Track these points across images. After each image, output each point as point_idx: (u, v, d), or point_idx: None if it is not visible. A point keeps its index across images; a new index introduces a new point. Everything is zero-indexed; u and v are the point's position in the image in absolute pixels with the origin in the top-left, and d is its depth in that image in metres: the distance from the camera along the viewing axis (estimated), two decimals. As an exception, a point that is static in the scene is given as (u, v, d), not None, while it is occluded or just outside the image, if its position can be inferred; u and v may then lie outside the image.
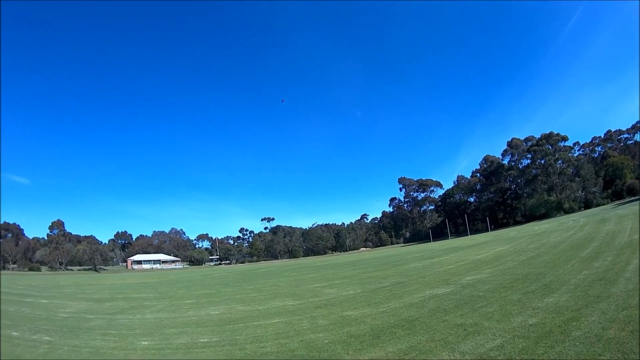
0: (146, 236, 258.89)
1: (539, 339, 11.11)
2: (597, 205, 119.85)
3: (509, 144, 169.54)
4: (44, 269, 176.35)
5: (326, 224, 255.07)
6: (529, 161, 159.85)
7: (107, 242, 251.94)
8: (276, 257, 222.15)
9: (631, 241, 24.43)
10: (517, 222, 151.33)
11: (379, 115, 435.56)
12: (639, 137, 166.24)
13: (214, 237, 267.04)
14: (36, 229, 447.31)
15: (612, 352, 9.21)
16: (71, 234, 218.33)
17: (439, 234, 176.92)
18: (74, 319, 26.36)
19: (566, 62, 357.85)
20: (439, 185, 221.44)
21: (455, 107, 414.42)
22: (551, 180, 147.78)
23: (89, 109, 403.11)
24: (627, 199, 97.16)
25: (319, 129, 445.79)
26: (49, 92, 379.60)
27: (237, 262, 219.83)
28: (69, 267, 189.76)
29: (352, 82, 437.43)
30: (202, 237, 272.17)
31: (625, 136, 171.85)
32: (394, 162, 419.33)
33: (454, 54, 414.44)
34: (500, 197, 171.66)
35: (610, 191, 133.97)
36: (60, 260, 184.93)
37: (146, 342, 18.48)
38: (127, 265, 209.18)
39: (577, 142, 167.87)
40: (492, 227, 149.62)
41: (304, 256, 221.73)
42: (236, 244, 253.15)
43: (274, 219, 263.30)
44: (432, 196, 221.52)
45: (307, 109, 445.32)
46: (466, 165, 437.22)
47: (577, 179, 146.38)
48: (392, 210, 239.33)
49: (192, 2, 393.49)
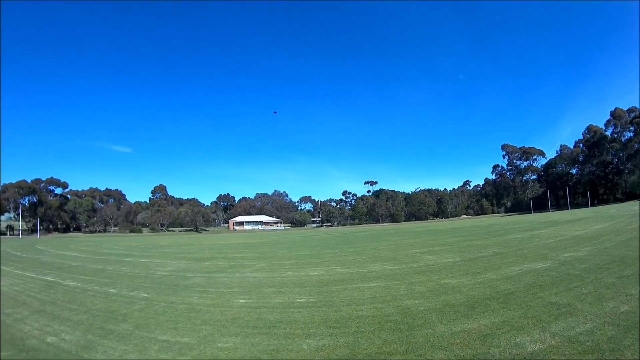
0: (248, 198, 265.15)
1: (628, 329, 10.91)
2: None
3: (612, 114, 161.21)
4: (145, 230, 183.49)
5: (429, 189, 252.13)
6: (632, 134, 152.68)
7: (209, 204, 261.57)
8: (378, 221, 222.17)
9: None
10: (617, 200, 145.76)
11: (482, 79, 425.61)
12: None
13: (317, 200, 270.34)
14: (139, 194, 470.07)
15: None
16: (173, 197, 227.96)
17: (540, 205, 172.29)
18: (172, 277, 27.74)
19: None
20: (541, 154, 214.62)
21: (557, 71, 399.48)
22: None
23: (187, 74, 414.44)
24: None
25: (423, 94, 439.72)
26: (145, 62, 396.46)
27: (339, 224, 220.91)
28: (171, 229, 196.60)
29: (455, 45, 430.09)
30: (305, 199, 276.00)
31: None
32: (495, 128, 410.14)
33: (556, 18, 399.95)
34: (601, 170, 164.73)
35: None
36: (161, 222, 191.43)
37: (243, 300, 19.24)
38: (228, 226, 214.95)
39: None
40: (592, 202, 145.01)
41: (405, 221, 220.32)
42: (338, 206, 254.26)
43: (376, 183, 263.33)
44: (534, 165, 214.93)
45: (410, 73, 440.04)
46: (569, 133, 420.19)
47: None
48: (494, 177, 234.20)
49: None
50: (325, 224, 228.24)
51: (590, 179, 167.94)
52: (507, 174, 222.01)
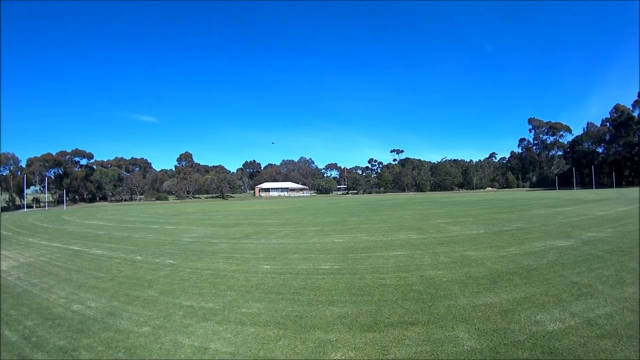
0: (275, 165, 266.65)
1: None
2: None
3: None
4: (171, 198, 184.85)
5: (454, 160, 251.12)
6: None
7: (235, 171, 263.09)
8: (403, 190, 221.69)
9: None
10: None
11: (510, 51, 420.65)
12: None
13: (343, 167, 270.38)
14: (165, 163, 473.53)
15: None
16: (199, 164, 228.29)
17: (565, 182, 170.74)
18: (198, 243, 28.09)
19: None
20: (568, 130, 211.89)
21: (587, 48, 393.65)
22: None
23: (211, 41, 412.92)
24: None
25: (450, 64, 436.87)
26: (169, 29, 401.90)
27: (365, 192, 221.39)
28: (197, 196, 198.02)
29: (483, 16, 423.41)
30: (331, 166, 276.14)
31: None
32: (523, 101, 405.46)
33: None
34: (628, 152, 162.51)
35: None
36: (187, 189, 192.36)
37: (268, 266, 19.56)
38: (254, 192, 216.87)
39: None
40: (617, 183, 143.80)
41: (430, 190, 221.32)
42: (364, 174, 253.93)
43: (403, 151, 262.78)
44: (560, 141, 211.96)
45: (438, 44, 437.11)
46: (597, 111, 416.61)
47: None
48: (520, 151, 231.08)
49: None
50: (350, 192, 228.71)
51: (616, 159, 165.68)
52: (534, 148, 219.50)
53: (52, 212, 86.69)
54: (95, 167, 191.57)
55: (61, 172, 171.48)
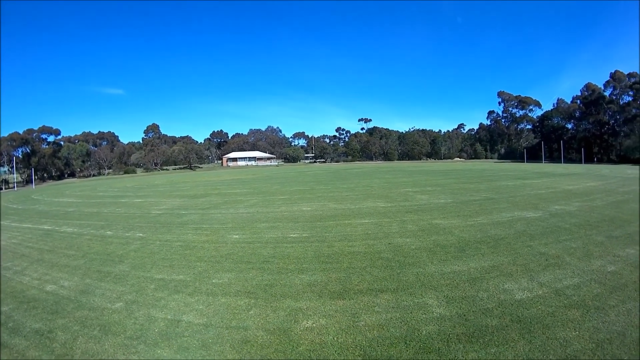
0: (242, 134, 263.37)
1: (614, 290, 11.03)
2: None
3: (612, 76, 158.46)
4: (139, 171, 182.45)
5: (423, 130, 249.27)
6: (631, 99, 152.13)
7: (202, 142, 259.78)
8: (371, 159, 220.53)
9: None
10: (610, 161, 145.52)
11: (482, 25, 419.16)
12: None
13: (310, 136, 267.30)
14: (133, 135, 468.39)
15: None
16: (167, 135, 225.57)
17: (533, 156, 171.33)
18: (167, 215, 28.13)
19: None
20: (538, 104, 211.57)
21: (561, 25, 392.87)
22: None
23: (178, 12, 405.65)
24: None
25: (420, 35, 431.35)
26: (129, 2, 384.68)
27: (332, 161, 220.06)
28: (164, 167, 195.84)
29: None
30: (299, 135, 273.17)
31: None
32: (493, 75, 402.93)
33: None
34: (597, 129, 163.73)
35: None
36: (155, 161, 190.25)
37: (237, 236, 19.65)
38: (222, 162, 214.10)
39: None
40: (585, 160, 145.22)
41: (398, 160, 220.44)
42: (332, 143, 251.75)
43: (371, 120, 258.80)
44: (530, 115, 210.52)
45: (408, 15, 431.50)
46: (567, 88, 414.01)
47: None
48: (489, 123, 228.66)
49: None
50: (318, 160, 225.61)
51: (585, 135, 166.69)
52: (503, 120, 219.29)
53: (21, 193, 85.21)
54: (62, 143, 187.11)
55: (29, 151, 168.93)
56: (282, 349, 8.19)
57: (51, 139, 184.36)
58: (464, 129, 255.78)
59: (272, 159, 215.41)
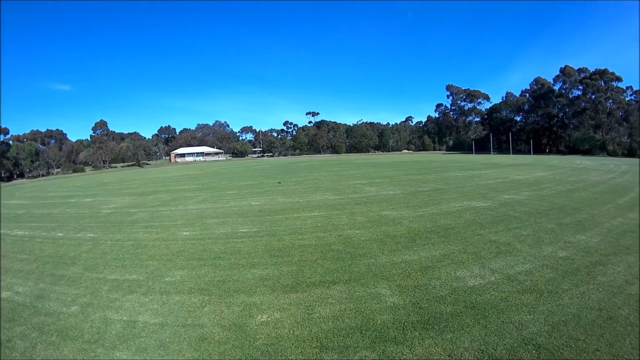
0: (190, 129, 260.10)
1: (566, 275, 11.33)
2: None
3: (562, 71, 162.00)
4: (88, 169, 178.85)
5: (371, 123, 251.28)
6: (580, 92, 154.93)
7: (150, 138, 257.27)
8: (319, 152, 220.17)
9: None
10: (559, 152, 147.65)
11: (431, 19, 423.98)
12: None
13: (258, 130, 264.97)
14: (81, 133, 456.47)
15: (631, 309, 9.10)
16: (115, 132, 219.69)
17: (482, 147, 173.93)
18: (117, 214, 27.59)
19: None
20: (486, 97, 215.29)
21: (511, 22, 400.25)
22: (599, 117, 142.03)
23: (123, 7, 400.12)
24: None
25: (369, 29, 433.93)
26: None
27: (280, 154, 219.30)
28: (113, 165, 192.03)
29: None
30: (246, 129, 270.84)
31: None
32: (442, 68, 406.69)
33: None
34: (546, 122, 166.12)
35: None
36: (103, 159, 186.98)
37: (187, 233, 19.56)
38: (170, 158, 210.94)
39: (631, 86, 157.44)
40: (534, 151, 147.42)
41: (346, 153, 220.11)
42: (280, 136, 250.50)
43: (318, 114, 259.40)
44: (478, 108, 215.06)
45: (358, 8, 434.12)
46: (516, 82, 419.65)
47: (625, 123, 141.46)
48: (437, 116, 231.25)
49: None
50: (266, 154, 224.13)
51: (534, 127, 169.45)
52: (451, 113, 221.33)
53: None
54: (11, 142, 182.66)
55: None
56: (239, 344, 8.20)
57: (0, 138, 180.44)
58: (412, 122, 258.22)
59: (220, 154, 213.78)
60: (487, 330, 8.25)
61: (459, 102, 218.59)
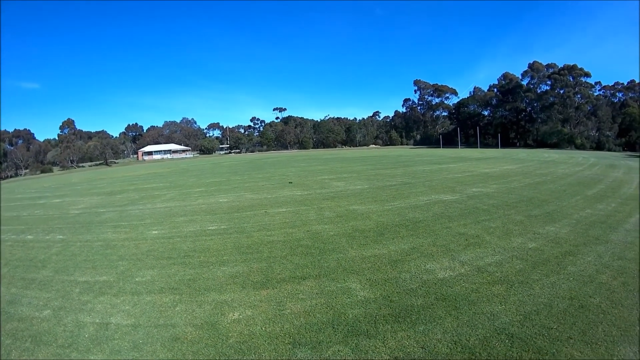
0: (157, 127, 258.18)
1: (536, 265, 11.57)
2: (609, 149, 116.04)
3: (530, 66, 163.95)
4: (56, 169, 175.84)
5: (338, 118, 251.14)
6: (548, 87, 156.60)
7: (118, 136, 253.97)
8: (286, 148, 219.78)
9: (637, 195, 23.99)
10: (527, 145, 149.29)
11: (400, 15, 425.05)
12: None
13: (225, 126, 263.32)
14: (48, 132, 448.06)
15: (602, 297, 9.49)
16: (82, 131, 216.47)
17: (449, 141, 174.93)
18: (86, 215, 27.28)
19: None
20: (454, 92, 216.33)
21: (480, 17, 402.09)
22: (567, 112, 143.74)
23: (91, 5, 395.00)
24: (639, 153, 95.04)
25: (336, 25, 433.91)
26: None
27: (247, 151, 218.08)
28: (81, 165, 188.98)
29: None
30: (213, 126, 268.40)
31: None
32: (410, 64, 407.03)
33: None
34: (514, 116, 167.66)
35: (623, 140, 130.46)
36: (71, 158, 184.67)
37: (156, 232, 19.48)
38: (137, 157, 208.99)
39: (599, 82, 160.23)
40: (502, 144, 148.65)
41: (313, 148, 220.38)
42: (247, 133, 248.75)
43: (285, 109, 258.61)
44: (446, 103, 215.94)
45: (325, 2, 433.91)
46: (484, 78, 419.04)
47: (593, 118, 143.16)
48: (405, 110, 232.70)
49: None
50: (233, 151, 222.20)
51: (502, 122, 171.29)
52: (418, 108, 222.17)
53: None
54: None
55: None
56: (213, 343, 8.22)
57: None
58: (380, 117, 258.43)
59: (187, 151, 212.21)
60: (459, 321, 8.36)
61: (426, 97, 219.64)
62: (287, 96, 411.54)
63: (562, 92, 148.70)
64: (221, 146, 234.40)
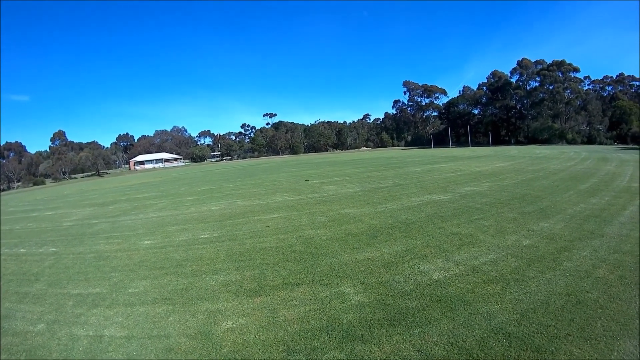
0: (148, 136, 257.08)
1: (531, 262, 11.54)
2: (600, 143, 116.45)
3: (519, 63, 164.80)
4: (48, 181, 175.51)
5: (328, 122, 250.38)
6: (538, 84, 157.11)
7: (109, 146, 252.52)
8: (277, 153, 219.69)
9: (630, 187, 23.86)
10: (518, 142, 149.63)
11: (387, 16, 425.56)
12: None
13: (216, 134, 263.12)
14: (40, 144, 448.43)
15: (599, 292, 9.44)
16: (73, 142, 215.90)
17: (440, 141, 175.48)
18: (78, 226, 27.10)
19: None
20: (443, 92, 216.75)
21: (467, 17, 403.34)
22: (557, 107, 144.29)
23: (79, 14, 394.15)
24: (630, 146, 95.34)
25: (324, 28, 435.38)
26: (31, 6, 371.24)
27: (239, 157, 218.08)
28: (73, 176, 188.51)
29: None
30: (204, 133, 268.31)
31: (637, 83, 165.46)
32: (399, 65, 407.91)
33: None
34: (504, 114, 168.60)
35: (614, 133, 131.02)
36: (63, 170, 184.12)
37: (148, 242, 19.38)
38: (129, 166, 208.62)
39: (588, 76, 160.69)
40: (493, 142, 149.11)
41: (305, 152, 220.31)
42: (238, 139, 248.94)
43: (276, 115, 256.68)
44: (436, 103, 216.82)
45: (312, 6, 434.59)
46: (473, 77, 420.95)
47: (583, 112, 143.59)
48: (395, 112, 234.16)
49: None
50: (225, 158, 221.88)
51: (492, 120, 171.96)
52: (408, 109, 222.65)
53: None
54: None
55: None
56: (207, 353, 8.15)
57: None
58: (370, 119, 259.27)
59: (179, 159, 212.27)
60: (455, 322, 8.32)
61: (416, 97, 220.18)
62: (277, 101, 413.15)
63: (551, 87, 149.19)
64: (212, 154, 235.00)
